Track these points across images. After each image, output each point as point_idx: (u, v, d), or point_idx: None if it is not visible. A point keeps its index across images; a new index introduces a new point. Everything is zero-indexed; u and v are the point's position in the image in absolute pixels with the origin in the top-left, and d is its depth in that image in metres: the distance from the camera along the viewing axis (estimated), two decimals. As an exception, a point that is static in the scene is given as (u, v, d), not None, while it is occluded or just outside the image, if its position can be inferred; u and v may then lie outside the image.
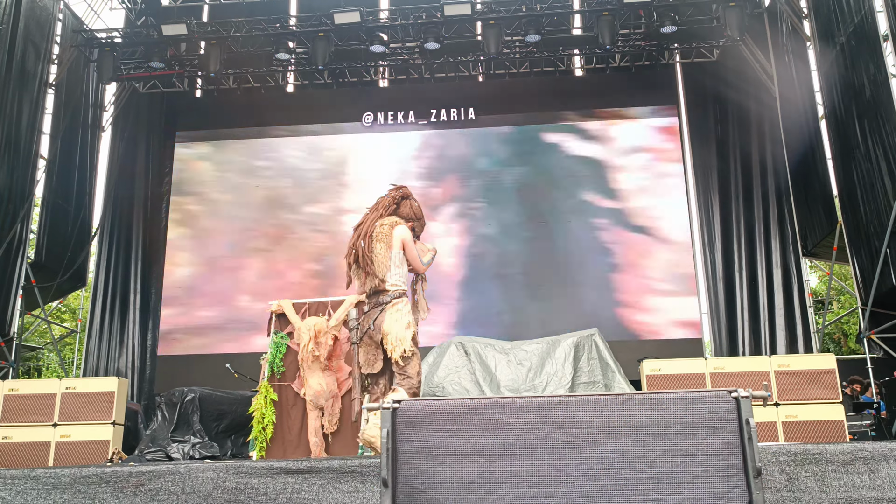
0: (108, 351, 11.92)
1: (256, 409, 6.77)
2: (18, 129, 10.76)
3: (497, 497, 1.79)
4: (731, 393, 1.80)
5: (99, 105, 12.80)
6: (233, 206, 12.58)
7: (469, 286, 11.81)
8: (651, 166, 12.42)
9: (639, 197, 12.28)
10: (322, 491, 3.67)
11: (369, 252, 4.71)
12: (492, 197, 12.33)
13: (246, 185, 12.69)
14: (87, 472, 3.80)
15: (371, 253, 4.71)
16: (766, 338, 11.46)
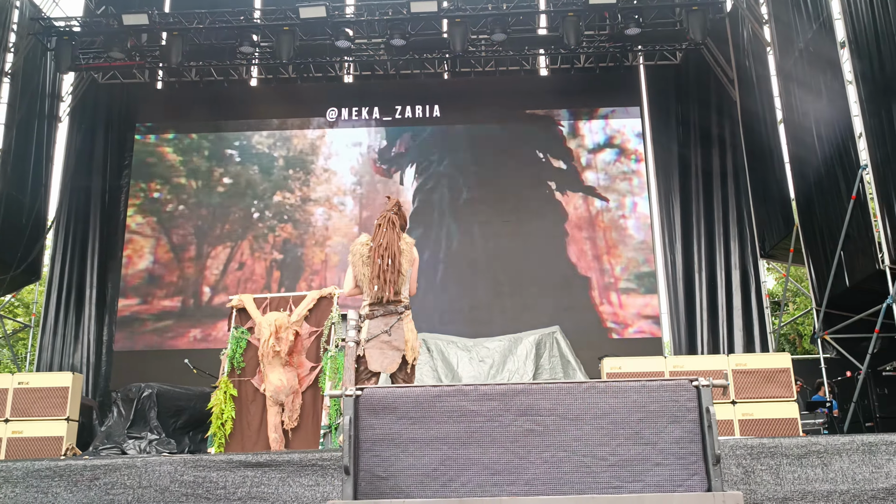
0: (62, 346, 11.67)
1: (215, 404, 6.68)
2: (-29, 119, 10.48)
3: (460, 484, 1.78)
4: (691, 382, 1.82)
5: (56, 95, 12.51)
6: (195, 198, 12.44)
7: (432, 284, 11.80)
8: (614, 167, 12.55)
9: (601, 197, 12.39)
10: (282, 484, 3.64)
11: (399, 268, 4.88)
12: (455, 194, 12.34)
13: (209, 175, 12.55)
14: (40, 465, 3.71)
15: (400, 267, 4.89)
16: (724, 337, 11.64)
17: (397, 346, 4.89)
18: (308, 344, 6.82)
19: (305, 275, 12.04)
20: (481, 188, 12.37)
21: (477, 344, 8.86)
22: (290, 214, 12.36)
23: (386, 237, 4.92)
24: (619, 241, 12.22)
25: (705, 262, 12.05)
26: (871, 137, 8.71)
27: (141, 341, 11.85)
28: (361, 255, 5.01)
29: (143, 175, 12.54)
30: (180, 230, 12.30)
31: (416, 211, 12.25)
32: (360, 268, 5.01)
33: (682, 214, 12.32)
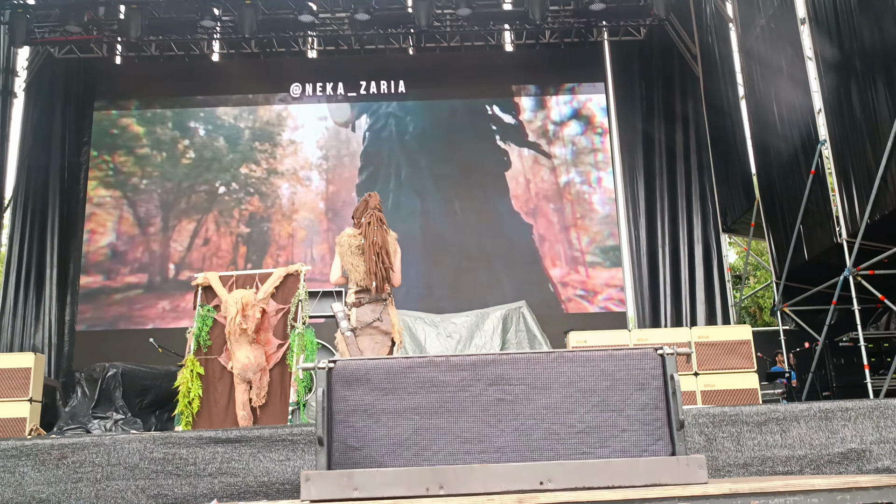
0: (23, 327, 11.48)
1: (182, 383, 6.65)
2: (-77, 94, 10.18)
3: (431, 453, 1.82)
4: (656, 350, 1.87)
5: (11, 70, 12.18)
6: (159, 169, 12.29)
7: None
8: (578, 142, 12.63)
9: (566, 172, 12.48)
10: (252, 460, 3.65)
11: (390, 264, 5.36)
12: (421, 170, 12.33)
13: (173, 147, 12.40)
14: (6, 444, 3.68)
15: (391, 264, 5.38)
16: (686, 311, 11.84)
17: (386, 330, 5.32)
18: (275, 321, 6.81)
19: (272, 250, 11.97)
20: (446, 163, 12.37)
21: (444, 319, 8.91)
22: (256, 188, 12.26)
23: (378, 235, 5.35)
24: (585, 215, 12.33)
25: (669, 237, 12.20)
26: (830, 113, 8.88)
27: (104, 321, 11.71)
28: (350, 247, 5.40)
29: (106, 147, 12.33)
30: (145, 203, 12.15)
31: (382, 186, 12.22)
32: (348, 258, 5.39)
33: (646, 190, 12.45)
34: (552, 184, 12.41)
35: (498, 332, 8.45)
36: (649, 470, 1.76)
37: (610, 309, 12.01)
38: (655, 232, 12.30)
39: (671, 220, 12.30)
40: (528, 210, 12.27)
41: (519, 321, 8.58)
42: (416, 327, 8.74)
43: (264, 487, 3.59)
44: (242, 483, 3.61)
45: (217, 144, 12.44)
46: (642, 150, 12.59)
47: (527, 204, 12.29)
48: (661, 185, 12.44)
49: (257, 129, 12.53)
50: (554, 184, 12.42)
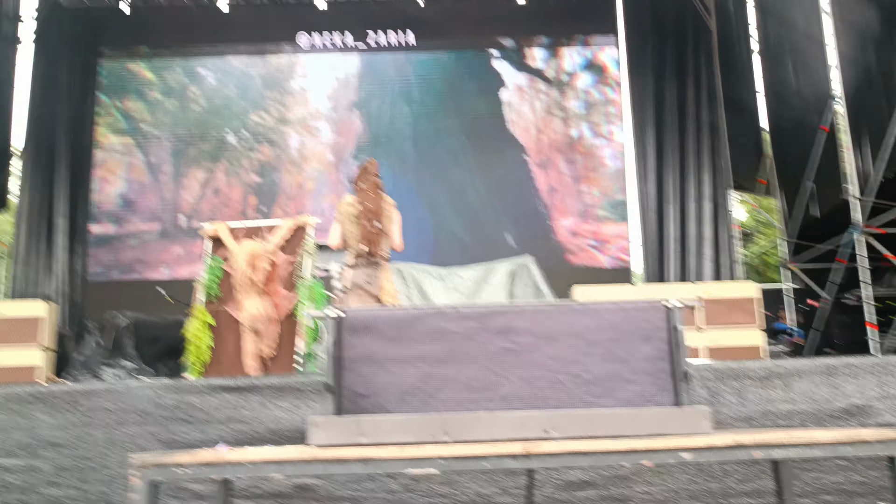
0: (35, 276, 11.57)
1: (192, 333, 6.73)
2: (-71, 41, 10.11)
3: (438, 401, 1.85)
4: (662, 302, 1.88)
5: (17, 17, 12.08)
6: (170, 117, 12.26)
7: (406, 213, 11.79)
8: (589, 95, 12.51)
9: (576, 125, 12.39)
10: (261, 408, 3.71)
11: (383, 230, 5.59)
12: (429, 122, 12.26)
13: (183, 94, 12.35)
14: (20, 390, 3.75)
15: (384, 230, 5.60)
16: (692, 267, 11.83)
17: (374, 293, 5.52)
18: (284, 273, 6.85)
19: (281, 200, 11.98)
20: (454, 116, 12.28)
21: (451, 273, 8.94)
22: (266, 136, 12.23)
23: (374, 202, 5.59)
24: (596, 168, 12.28)
25: (677, 193, 12.13)
26: (845, 69, 8.75)
27: (115, 270, 11.80)
28: (349, 215, 5.63)
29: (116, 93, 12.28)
30: (155, 151, 12.15)
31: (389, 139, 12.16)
32: (347, 226, 5.65)
33: (657, 145, 12.34)
34: (564, 135, 12.34)
35: (505, 286, 8.48)
36: (654, 420, 1.78)
37: (618, 264, 12.02)
38: (664, 188, 12.23)
39: (680, 176, 12.21)
40: (540, 161, 12.21)
41: (525, 275, 8.60)
42: (423, 280, 8.78)
43: (273, 435, 3.66)
44: (251, 430, 3.68)
45: (227, 92, 12.37)
46: (653, 105, 12.45)
47: (538, 155, 12.23)
48: (672, 140, 12.33)
49: (268, 77, 12.44)
50: (566, 136, 12.34)
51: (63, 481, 3.63)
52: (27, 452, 3.66)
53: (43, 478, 3.63)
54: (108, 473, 3.64)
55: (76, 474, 3.64)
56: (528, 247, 10.79)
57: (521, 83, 12.51)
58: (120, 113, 12.26)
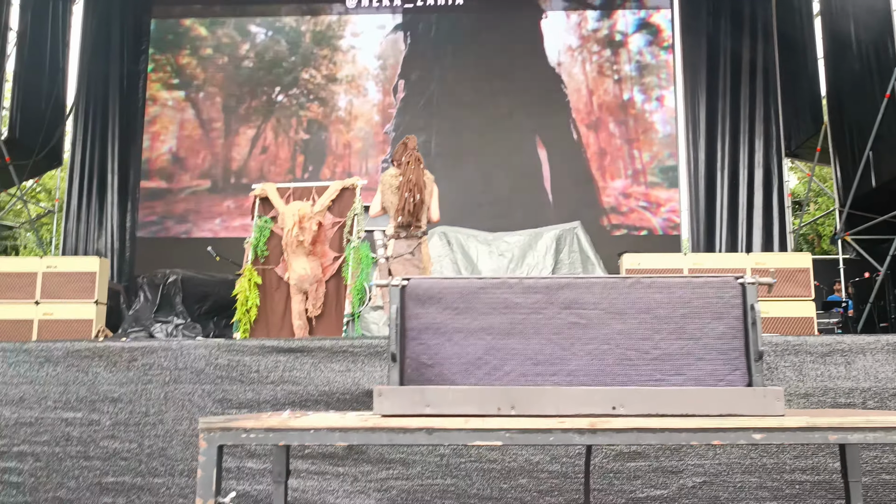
0: (86, 232, 11.83)
1: (240, 291, 6.81)
2: (-15, -1, 10.25)
3: (503, 373, 1.82)
4: (737, 279, 1.82)
5: (70, -23, 12.20)
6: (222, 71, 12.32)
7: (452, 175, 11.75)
8: (642, 57, 12.24)
9: (626, 89, 12.15)
10: (313, 369, 3.74)
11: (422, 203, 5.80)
12: (477, 85, 12.11)
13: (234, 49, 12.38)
14: (80, 346, 3.83)
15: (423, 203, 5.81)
16: (742, 236, 11.63)
17: (417, 264, 5.80)
18: (331, 234, 6.88)
19: (329, 160, 12.01)
20: (502, 79, 12.11)
21: (497, 238, 8.88)
22: (316, 94, 12.23)
23: (415, 174, 5.80)
24: (646, 133, 12.06)
25: (728, 160, 11.90)
26: (912, 33, 8.40)
27: (164, 227, 11.99)
28: (391, 186, 5.87)
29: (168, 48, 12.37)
30: (206, 108, 12.25)
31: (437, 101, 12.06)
32: (388, 196, 5.90)
33: (708, 110, 12.09)
34: (615, 97, 12.12)
35: (551, 252, 8.41)
36: (725, 399, 1.74)
37: (663, 231, 11.85)
38: (715, 154, 11.99)
39: (732, 143, 11.96)
40: (591, 122, 12.02)
41: (573, 242, 8.51)
42: (468, 245, 8.74)
43: (325, 396, 3.69)
44: (304, 392, 3.72)
45: (278, 48, 12.36)
46: (706, 69, 12.16)
47: (588, 117, 12.04)
48: (724, 105, 12.05)
49: (318, 34, 12.40)
50: (617, 97, 12.12)
51: (121, 435, 3.72)
52: (87, 406, 3.75)
53: (102, 431, 3.72)
54: (164, 429, 3.72)
55: (133, 429, 3.72)
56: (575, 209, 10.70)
57: (571, 43, 12.27)
58: (172, 69, 12.33)
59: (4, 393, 3.80)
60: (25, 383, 3.82)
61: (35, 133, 11.14)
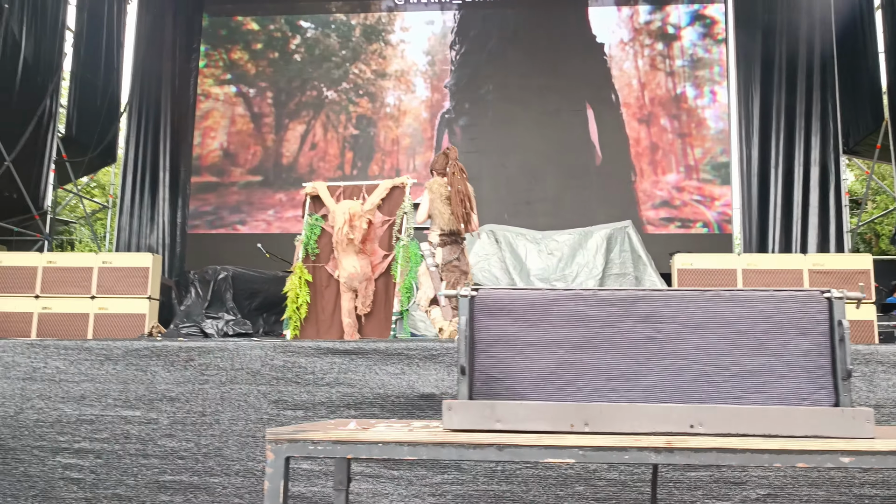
0: (139, 227, 12.04)
1: (291, 289, 6.85)
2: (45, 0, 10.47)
3: (576, 388, 1.77)
4: (823, 293, 1.74)
5: (124, -24, 12.41)
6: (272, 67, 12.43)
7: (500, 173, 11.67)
8: (693, 52, 12.01)
9: (678, 84, 11.93)
10: (368, 371, 3.73)
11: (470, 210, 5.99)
12: (526, 81, 12.00)
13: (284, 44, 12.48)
14: (139, 345, 3.88)
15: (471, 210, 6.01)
16: (797, 236, 11.35)
17: (464, 269, 6.03)
18: (381, 232, 6.89)
19: (377, 157, 12.03)
20: (552, 74, 11.98)
21: (546, 237, 8.80)
22: (365, 89, 12.25)
23: (462, 184, 6.01)
24: (698, 128, 11.84)
25: (783, 157, 11.62)
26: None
27: (215, 222, 12.14)
28: (440, 195, 6.05)
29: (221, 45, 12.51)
30: (258, 103, 12.36)
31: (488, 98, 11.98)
32: (437, 205, 6.06)
33: (762, 106, 11.81)
34: (667, 91, 11.91)
35: (602, 252, 8.30)
36: (810, 420, 1.66)
37: (715, 230, 11.62)
38: (769, 151, 11.71)
39: (787, 140, 11.67)
40: (642, 117, 11.84)
41: (624, 241, 8.39)
42: (516, 243, 8.67)
43: (380, 399, 3.68)
44: (359, 394, 3.70)
45: (328, 42, 12.41)
46: (761, 64, 11.87)
47: (640, 111, 11.86)
48: (779, 101, 11.76)
49: (368, 28, 12.42)
50: (670, 91, 11.91)
51: (178, 434, 3.76)
52: (146, 405, 3.80)
53: (160, 430, 3.76)
54: (220, 429, 3.74)
55: (191, 428, 3.75)
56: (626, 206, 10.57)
57: (623, 37, 12.10)
58: (224, 64, 12.47)
59: (66, 390, 3.87)
60: (86, 381, 3.87)
61: (91, 131, 11.36)
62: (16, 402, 3.88)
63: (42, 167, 10.49)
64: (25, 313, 8.35)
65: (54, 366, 3.92)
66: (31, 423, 3.84)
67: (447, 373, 3.65)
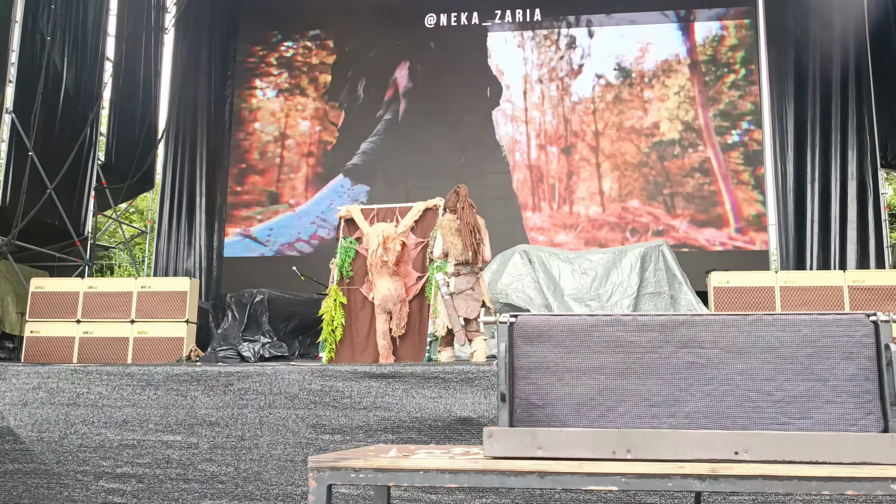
0: (176, 251, 12.22)
1: (326, 311, 6.91)
2: (85, 31, 10.75)
3: (617, 415, 1.76)
4: (868, 316, 1.72)
5: (161, 6, 12.68)
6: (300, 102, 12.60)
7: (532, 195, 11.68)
8: (725, 66, 11.93)
9: (710, 98, 11.85)
10: (405, 395, 3.74)
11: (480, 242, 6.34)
12: (556, 104, 12.02)
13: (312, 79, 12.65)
14: (179, 370, 3.93)
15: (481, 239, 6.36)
16: (835, 252, 11.15)
17: (477, 298, 6.24)
18: (414, 254, 6.94)
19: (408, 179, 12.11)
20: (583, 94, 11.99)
21: (579, 256, 8.76)
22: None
23: (471, 217, 6.35)
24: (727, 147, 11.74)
25: (819, 172, 11.45)
26: None
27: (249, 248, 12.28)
28: (451, 230, 6.31)
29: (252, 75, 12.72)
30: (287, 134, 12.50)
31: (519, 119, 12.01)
32: (449, 238, 6.30)
33: (796, 120, 11.67)
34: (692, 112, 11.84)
35: (636, 271, 8.23)
36: (859, 446, 1.63)
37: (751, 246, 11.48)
38: (805, 166, 11.55)
39: (822, 154, 11.50)
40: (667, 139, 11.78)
41: (658, 260, 8.31)
42: (550, 263, 8.64)
43: (417, 423, 3.68)
44: (396, 418, 3.72)
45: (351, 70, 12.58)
46: (794, 78, 11.75)
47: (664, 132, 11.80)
48: (814, 115, 11.60)
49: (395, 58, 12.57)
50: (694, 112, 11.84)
51: (218, 458, 3.79)
52: (186, 429, 3.84)
53: (200, 454, 3.80)
54: (259, 453, 3.77)
55: (230, 452, 3.79)
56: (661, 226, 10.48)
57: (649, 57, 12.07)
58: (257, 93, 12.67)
59: (109, 415, 3.93)
60: (128, 406, 3.94)
61: (129, 158, 11.61)
62: (60, 428, 3.95)
63: (83, 194, 10.73)
64: (67, 338, 8.52)
65: (97, 391, 3.99)
66: (74, 448, 3.90)
67: (483, 396, 3.65)
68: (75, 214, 10.49)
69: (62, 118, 10.18)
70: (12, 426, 3.89)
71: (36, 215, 9.30)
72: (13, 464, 3.82)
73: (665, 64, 12.05)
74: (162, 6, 12.69)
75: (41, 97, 9.52)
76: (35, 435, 3.85)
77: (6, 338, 9.25)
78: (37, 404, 3.93)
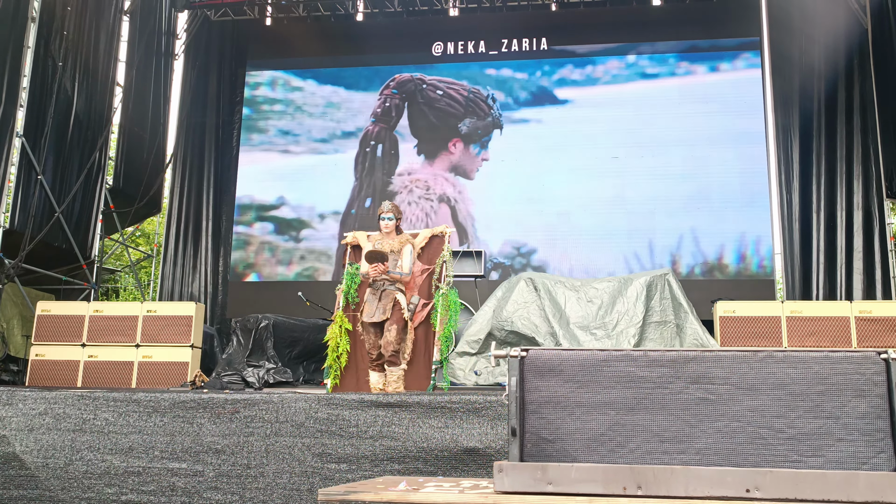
0: (181, 275, 12.25)
1: (331, 338, 6.88)
2: (96, 57, 10.88)
3: (628, 451, 1.76)
4: (879, 354, 1.72)
5: (172, 33, 12.84)
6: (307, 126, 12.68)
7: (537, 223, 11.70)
8: (729, 99, 11.99)
9: (715, 130, 11.90)
10: (412, 425, 3.73)
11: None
12: (562, 131, 12.08)
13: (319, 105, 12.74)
14: (186, 397, 3.92)
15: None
16: (841, 282, 11.13)
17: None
18: (420, 281, 6.92)
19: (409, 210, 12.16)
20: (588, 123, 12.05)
21: (585, 284, 8.74)
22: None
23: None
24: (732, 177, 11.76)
25: (825, 202, 11.46)
26: None
27: (254, 272, 12.30)
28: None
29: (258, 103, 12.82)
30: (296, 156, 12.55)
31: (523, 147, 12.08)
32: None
33: (801, 151, 11.70)
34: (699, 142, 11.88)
35: (642, 299, 8.21)
36: (871, 485, 1.63)
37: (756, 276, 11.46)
38: (810, 196, 11.57)
39: (828, 184, 11.52)
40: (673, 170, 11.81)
41: (664, 288, 8.29)
42: (556, 291, 8.63)
43: (423, 453, 3.67)
44: (402, 447, 3.70)
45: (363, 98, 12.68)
46: (798, 108, 11.80)
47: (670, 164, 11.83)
48: (819, 145, 11.64)
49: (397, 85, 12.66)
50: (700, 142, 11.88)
51: (223, 486, 3.78)
52: (192, 457, 3.83)
53: (206, 482, 3.79)
54: (265, 482, 3.75)
55: (236, 481, 3.77)
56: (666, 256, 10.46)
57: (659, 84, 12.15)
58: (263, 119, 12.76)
59: (115, 442, 3.92)
60: (134, 433, 3.93)
61: (137, 182, 11.69)
62: (65, 454, 3.94)
63: (90, 218, 10.79)
64: (72, 361, 8.52)
65: (103, 417, 3.98)
66: (79, 474, 3.89)
67: (490, 426, 3.63)
68: (82, 237, 10.54)
69: (72, 142, 10.27)
70: (17, 452, 3.88)
71: (43, 238, 9.35)
72: (18, 490, 3.81)
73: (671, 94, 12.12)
74: (172, 33, 12.84)
75: (52, 121, 9.61)
76: (40, 461, 3.84)
77: (11, 361, 9.26)
78: (43, 430, 3.92)
